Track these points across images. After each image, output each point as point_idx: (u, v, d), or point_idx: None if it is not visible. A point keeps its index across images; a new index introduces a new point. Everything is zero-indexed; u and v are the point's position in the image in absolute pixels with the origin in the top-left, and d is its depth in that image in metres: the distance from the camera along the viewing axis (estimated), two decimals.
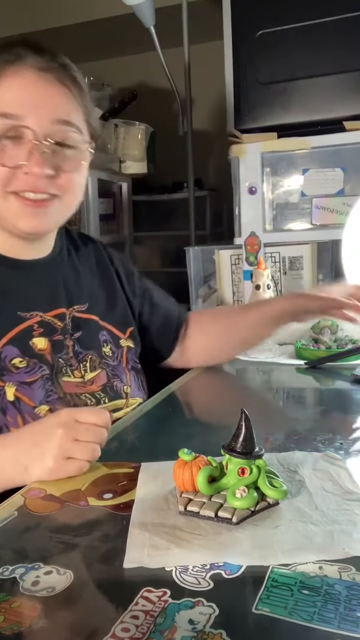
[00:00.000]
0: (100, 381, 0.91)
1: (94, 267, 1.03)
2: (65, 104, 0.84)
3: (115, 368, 0.95)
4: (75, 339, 0.91)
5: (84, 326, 0.93)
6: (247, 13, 1.56)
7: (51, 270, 0.94)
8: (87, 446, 0.67)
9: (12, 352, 0.83)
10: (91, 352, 0.92)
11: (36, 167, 0.80)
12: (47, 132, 0.81)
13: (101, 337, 0.96)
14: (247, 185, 1.51)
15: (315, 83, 1.51)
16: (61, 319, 0.90)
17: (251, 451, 0.59)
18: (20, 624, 0.42)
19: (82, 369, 0.90)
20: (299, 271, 1.56)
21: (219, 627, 0.41)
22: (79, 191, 0.89)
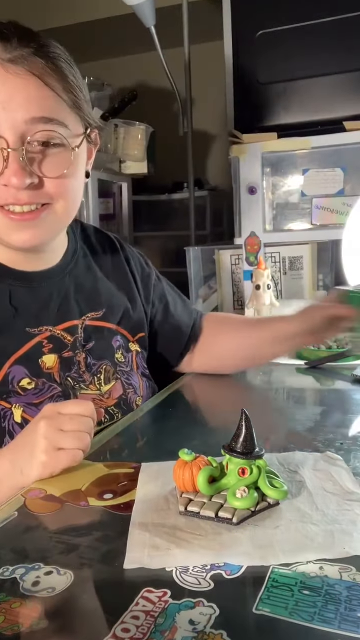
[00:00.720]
0: (116, 393, 0.89)
1: (110, 269, 0.98)
2: (42, 98, 0.71)
3: (129, 375, 0.92)
4: (87, 351, 0.87)
5: (97, 335, 0.89)
6: (247, 13, 1.56)
7: (62, 280, 0.88)
8: (74, 434, 0.65)
9: (19, 372, 0.79)
10: (105, 362, 0.89)
11: (14, 177, 0.71)
12: (22, 133, 0.71)
13: (115, 343, 0.92)
14: (247, 185, 1.51)
15: (315, 83, 1.52)
16: (72, 332, 0.86)
17: (251, 451, 0.59)
18: (20, 625, 0.42)
19: (96, 382, 0.87)
20: (299, 271, 1.56)
21: (219, 628, 0.41)
22: (74, 194, 0.79)
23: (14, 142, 0.71)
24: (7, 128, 0.70)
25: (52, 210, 0.77)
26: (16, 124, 0.70)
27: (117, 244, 1.02)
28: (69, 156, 0.75)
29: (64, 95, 0.74)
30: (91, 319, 0.90)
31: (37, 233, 0.77)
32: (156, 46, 2.06)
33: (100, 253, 0.98)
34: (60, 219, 0.80)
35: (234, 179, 1.56)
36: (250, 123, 1.56)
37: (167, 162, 2.96)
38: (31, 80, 0.70)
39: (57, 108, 0.73)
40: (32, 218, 0.75)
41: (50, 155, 0.74)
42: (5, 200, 0.73)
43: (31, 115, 0.70)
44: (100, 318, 0.91)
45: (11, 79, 0.69)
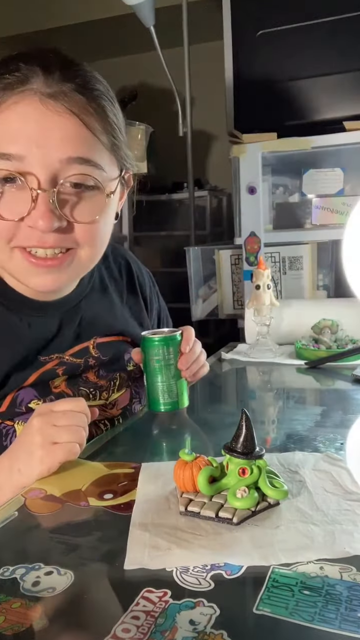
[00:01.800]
0: (122, 403, 0.90)
1: (124, 292, 0.96)
2: (79, 138, 0.67)
3: (139, 385, 0.93)
4: (100, 364, 0.86)
5: (110, 349, 0.88)
6: (247, 13, 1.56)
7: (77, 307, 0.85)
8: (68, 428, 0.65)
9: (29, 394, 0.78)
10: (118, 371, 0.90)
11: (41, 220, 0.66)
12: (56, 173, 0.66)
13: (126, 356, 0.92)
14: (247, 185, 1.51)
15: (315, 83, 1.52)
16: (80, 355, 0.84)
17: (252, 451, 0.59)
18: (20, 625, 0.42)
19: (111, 388, 0.87)
20: (299, 271, 1.56)
21: (219, 628, 0.41)
22: (102, 240, 0.75)
23: (45, 182, 0.66)
24: (40, 167, 0.65)
25: (77, 256, 0.72)
26: (50, 163, 0.65)
27: (131, 265, 1.00)
28: (103, 201, 0.71)
29: (102, 137, 0.70)
30: (102, 335, 0.89)
31: (57, 279, 0.73)
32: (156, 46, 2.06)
33: (117, 277, 0.96)
34: (83, 266, 0.76)
35: (234, 179, 1.55)
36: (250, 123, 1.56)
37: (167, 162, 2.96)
38: (70, 119, 0.66)
39: (94, 149, 0.69)
40: (55, 265, 0.71)
41: (83, 199, 0.69)
42: (29, 243, 0.69)
43: (67, 155, 0.66)
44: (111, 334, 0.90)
45: (49, 116, 0.65)
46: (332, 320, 1.26)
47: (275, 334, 1.30)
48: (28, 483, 0.65)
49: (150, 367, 0.83)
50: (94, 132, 0.68)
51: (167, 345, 0.82)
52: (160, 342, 0.82)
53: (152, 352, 0.82)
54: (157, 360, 0.82)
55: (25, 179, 0.65)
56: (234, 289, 1.66)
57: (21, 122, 0.64)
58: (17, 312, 0.79)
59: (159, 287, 1.14)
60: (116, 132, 0.72)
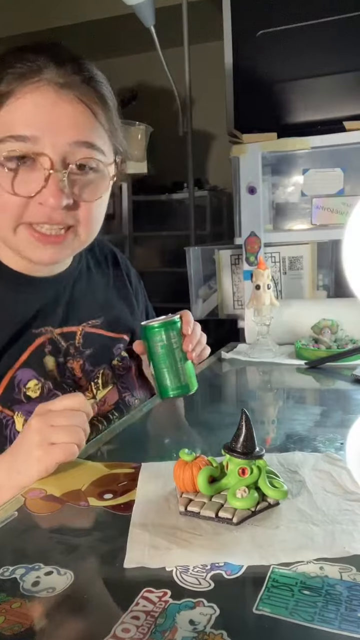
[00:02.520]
0: (112, 399, 0.90)
1: (111, 279, 1.00)
2: (88, 124, 0.74)
3: (125, 379, 0.93)
4: (86, 357, 0.88)
5: (96, 342, 0.90)
6: (247, 13, 1.56)
7: (65, 287, 0.90)
8: (66, 429, 0.66)
9: (27, 375, 0.80)
10: (102, 367, 0.90)
11: (52, 197, 0.72)
12: (65, 155, 0.73)
13: (116, 351, 0.94)
14: (247, 185, 1.51)
15: (315, 83, 1.51)
16: (67, 338, 0.87)
17: (252, 451, 0.59)
18: (20, 625, 0.42)
19: (94, 387, 0.88)
20: (299, 271, 1.56)
21: (219, 628, 0.41)
22: (97, 223, 0.82)
23: (57, 162, 0.72)
24: (51, 148, 0.71)
25: (77, 234, 0.79)
26: (60, 146, 0.72)
27: (118, 257, 1.05)
28: (104, 182, 0.79)
29: (104, 124, 0.77)
30: (91, 326, 0.91)
31: (57, 253, 0.79)
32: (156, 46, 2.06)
33: (103, 264, 1.01)
34: (81, 243, 0.81)
35: (234, 179, 1.55)
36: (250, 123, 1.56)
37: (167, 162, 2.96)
38: (79, 107, 0.73)
39: (98, 135, 0.76)
40: (57, 241, 0.77)
41: (87, 180, 0.76)
42: (38, 219, 0.74)
43: (76, 139, 0.73)
44: (99, 326, 0.93)
45: (61, 104, 0.72)
46: (332, 320, 1.26)
47: (275, 334, 1.30)
48: (27, 483, 0.65)
49: (155, 354, 0.83)
50: (98, 119, 0.75)
51: (168, 329, 0.82)
52: (161, 327, 0.82)
53: (155, 339, 0.82)
54: (161, 346, 0.82)
55: (38, 159, 0.72)
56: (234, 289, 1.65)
57: (37, 108, 0.71)
58: (9, 286, 0.83)
59: (158, 287, 1.14)
60: (114, 119, 0.80)
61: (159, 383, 0.84)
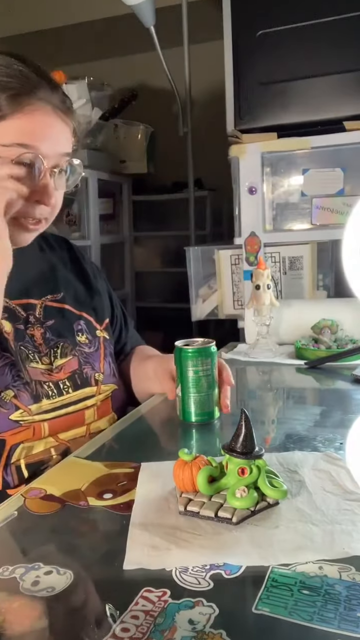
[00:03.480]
0: (69, 368, 0.92)
1: (67, 262, 1.07)
2: (68, 138, 0.90)
3: (89, 356, 0.96)
4: (47, 327, 0.93)
5: (58, 315, 0.96)
6: (247, 13, 1.56)
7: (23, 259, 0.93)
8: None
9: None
10: (63, 340, 0.94)
11: (47, 198, 0.86)
12: (55, 163, 0.87)
13: (76, 327, 0.98)
14: (247, 185, 1.51)
15: (315, 83, 1.51)
16: (26, 309, 0.93)
17: (251, 451, 0.59)
18: (20, 624, 0.42)
19: (52, 355, 0.91)
20: (299, 271, 1.56)
21: (219, 627, 0.41)
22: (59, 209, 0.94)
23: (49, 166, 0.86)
24: (48, 156, 0.85)
25: (47, 221, 0.91)
26: (54, 155, 0.86)
27: (71, 244, 1.13)
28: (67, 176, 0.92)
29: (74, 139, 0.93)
30: (51, 300, 0.97)
31: (31, 238, 0.92)
32: (156, 46, 2.06)
33: (57, 249, 1.08)
34: (46, 227, 0.93)
35: (234, 179, 1.55)
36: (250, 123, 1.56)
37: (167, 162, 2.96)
38: (66, 125, 0.89)
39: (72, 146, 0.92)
40: (34, 230, 0.89)
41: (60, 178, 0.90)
42: (31, 215, 0.87)
43: (63, 150, 0.88)
44: (59, 300, 0.98)
45: (57, 122, 0.87)
46: (332, 320, 1.26)
47: (275, 334, 1.30)
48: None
49: (185, 377, 0.84)
50: (73, 135, 0.92)
51: (202, 356, 0.84)
52: (195, 353, 0.84)
53: (187, 363, 0.84)
54: (193, 371, 0.84)
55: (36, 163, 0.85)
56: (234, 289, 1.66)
57: (39, 124, 0.85)
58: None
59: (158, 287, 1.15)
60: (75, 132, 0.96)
61: (184, 405, 0.85)
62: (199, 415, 0.84)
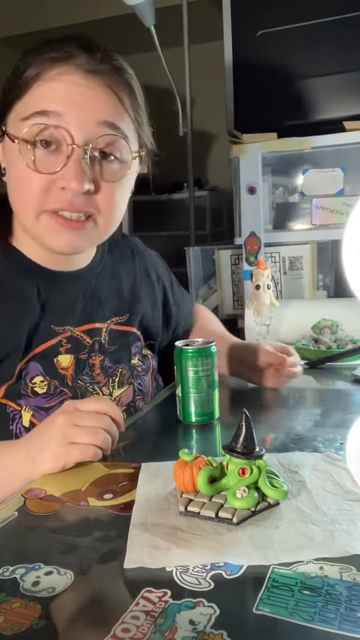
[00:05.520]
0: (126, 399, 0.90)
1: (136, 275, 1.00)
2: (113, 107, 0.75)
3: (142, 380, 0.93)
4: (108, 354, 0.88)
5: (122, 339, 0.91)
6: (247, 13, 1.56)
7: (88, 283, 0.89)
8: (89, 430, 0.67)
9: (34, 369, 0.80)
10: (121, 366, 0.90)
11: (74, 181, 0.72)
12: (88, 136, 0.73)
13: (134, 349, 0.94)
14: (247, 185, 1.51)
15: (315, 83, 1.51)
16: (91, 335, 0.87)
17: (251, 451, 0.59)
18: (20, 624, 0.42)
19: (110, 384, 0.88)
20: (299, 271, 1.56)
21: (219, 628, 0.41)
22: (117, 214, 0.81)
23: (79, 139, 0.72)
24: (76, 126, 0.72)
25: (97, 223, 0.79)
26: (85, 124, 0.72)
27: (142, 249, 1.05)
28: (124, 170, 0.79)
29: (131, 112, 0.78)
30: (116, 323, 0.91)
31: (78, 242, 0.79)
32: (156, 46, 2.06)
33: (127, 258, 1.00)
34: (101, 233, 0.81)
35: (234, 179, 1.55)
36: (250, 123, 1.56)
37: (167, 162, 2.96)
38: (106, 91, 0.74)
39: (123, 120, 0.77)
40: (78, 228, 0.77)
41: (106, 164, 0.76)
42: (61, 205, 0.75)
43: (101, 118, 0.73)
44: (124, 323, 0.93)
45: (89, 86, 0.73)
46: (332, 320, 1.26)
47: (275, 334, 1.30)
48: (38, 474, 0.66)
49: (185, 377, 0.84)
50: (124, 106, 0.76)
51: (202, 356, 0.83)
52: (195, 353, 0.83)
53: (188, 363, 0.83)
54: (193, 371, 0.83)
55: (60, 137, 0.72)
56: (234, 289, 1.66)
57: (63, 87, 0.72)
58: (30, 279, 0.83)
59: None
60: (141, 111, 0.81)
61: (184, 406, 0.85)
62: (199, 415, 0.84)
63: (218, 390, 0.86)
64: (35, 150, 0.73)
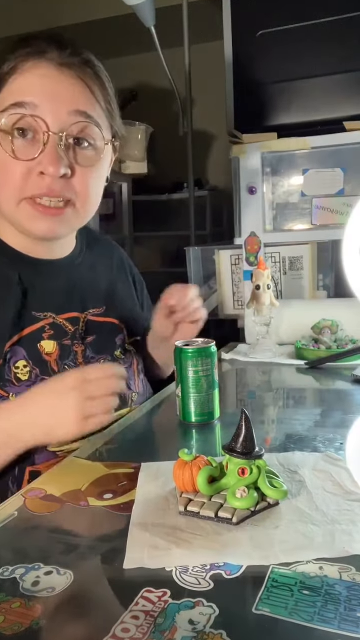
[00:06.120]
0: None
1: (113, 270, 1.03)
2: (84, 97, 0.80)
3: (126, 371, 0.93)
4: (88, 344, 0.89)
5: (100, 330, 0.92)
6: (247, 13, 1.56)
7: (69, 271, 0.93)
8: (102, 400, 0.71)
9: (18, 353, 0.81)
10: (103, 356, 0.91)
11: (51, 166, 0.77)
12: (63, 125, 0.78)
13: (118, 340, 0.95)
14: (247, 185, 1.51)
15: (315, 83, 1.51)
16: (72, 323, 0.89)
17: (251, 451, 0.59)
18: (20, 624, 0.42)
19: None
20: (299, 271, 1.56)
21: (219, 628, 0.41)
22: (94, 197, 0.85)
23: (54, 127, 0.77)
24: (51, 116, 0.77)
25: (75, 208, 0.83)
26: (59, 114, 0.77)
27: (120, 251, 1.09)
28: (97, 156, 0.83)
29: (101, 102, 0.83)
30: (93, 314, 0.93)
31: (58, 226, 0.83)
32: (156, 46, 2.06)
33: (106, 255, 1.04)
34: (80, 217, 0.85)
35: (234, 179, 1.55)
36: (250, 123, 1.56)
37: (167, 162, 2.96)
38: (78, 82, 0.79)
39: (95, 109, 0.81)
40: (57, 213, 0.81)
41: (83, 150, 0.81)
42: (39, 191, 0.79)
43: (73, 107, 0.78)
44: (102, 314, 0.95)
45: (62, 78, 0.78)
46: (332, 320, 1.26)
47: (275, 334, 1.30)
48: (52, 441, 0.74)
49: (185, 377, 0.84)
50: (95, 96, 0.81)
51: (202, 355, 0.84)
52: (195, 353, 0.83)
53: (188, 363, 0.84)
54: (193, 371, 0.84)
55: (36, 126, 0.77)
56: (234, 289, 1.65)
57: (38, 80, 0.77)
58: (12, 266, 0.86)
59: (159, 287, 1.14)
60: (112, 101, 0.85)
61: (184, 406, 0.85)
62: (199, 415, 0.84)
63: (218, 390, 0.86)
64: (14, 140, 0.77)
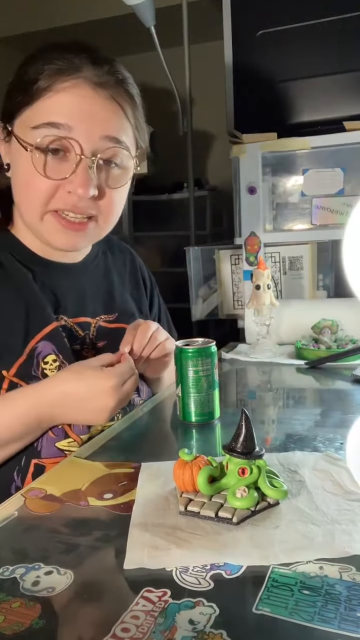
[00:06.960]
0: None
1: (127, 277, 1.04)
2: (118, 121, 0.80)
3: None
4: (98, 349, 0.90)
5: (111, 336, 0.92)
6: (247, 13, 1.56)
7: (83, 276, 0.93)
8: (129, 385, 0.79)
9: (47, 348, 0.82)
10: None
11: (80, 188, 0.78)
12: (95, 148, 0.78)
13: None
14: (247, 185, 1.51)
15: (315, 83, 1.51)
16: (83, 328, 0.89)
17: (251, 451, 0.59)
18: (20, 624, 0.42)
19: None
20: (299, 271, 1.56)
21: (219, 627, 0.41)
22: (117, 214, 0.87)
23: (87, 150, 0.78)
24: (84, 138, 0.77)
25: (97, 223, 0.84)
26: (92, 137, 0.78)
27: (135, 258, 1.10)
28: (125, 177, 0.85)
29: (131, 120, 0.84)
30: (105, 321, 0.93)
31: (79, 240, 0.85)
32: (156, 46, 2.06)
33: (120, 262, 1.04)
34: (100, 232, 0.87)
35: (234, 179, 1.55)
36: (250, 123, 1.56)
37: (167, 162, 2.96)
38: (112, 105, 0.80)
39: (125, 132, 0.83)
40: (80, 229, 0.83)
41: (110, 172, 0.82)
42: (65, 206, 0.80)
43: (106, 133, 0.79)
44: (114, 321, 0.95)
45: (97, 100, 0.78)
46: (332, 320, 1.26)
47: (275, 334, 1.30)
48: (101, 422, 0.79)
49: (185, 377, 0.84)
50: (127, 117, 0.82)
51: (202, 356, 0.84)
52: (195, 353, 0.83)
53: (188, 363, 0.84)
54: (193, 371, 0.84)
55: (69, 147, 0.77)
56: (234, 289, 1.65)
57: (74, 101, 0.77)
58: (27, 266, 0.87)
59: (159, 287, 1.15)
60: (140, 117, 0.87)
61: (184, 406, 0.85)
62: (199, 415, 0.84)
63: (218, 390, 0.86)
64: (47, 158, 0.78)
